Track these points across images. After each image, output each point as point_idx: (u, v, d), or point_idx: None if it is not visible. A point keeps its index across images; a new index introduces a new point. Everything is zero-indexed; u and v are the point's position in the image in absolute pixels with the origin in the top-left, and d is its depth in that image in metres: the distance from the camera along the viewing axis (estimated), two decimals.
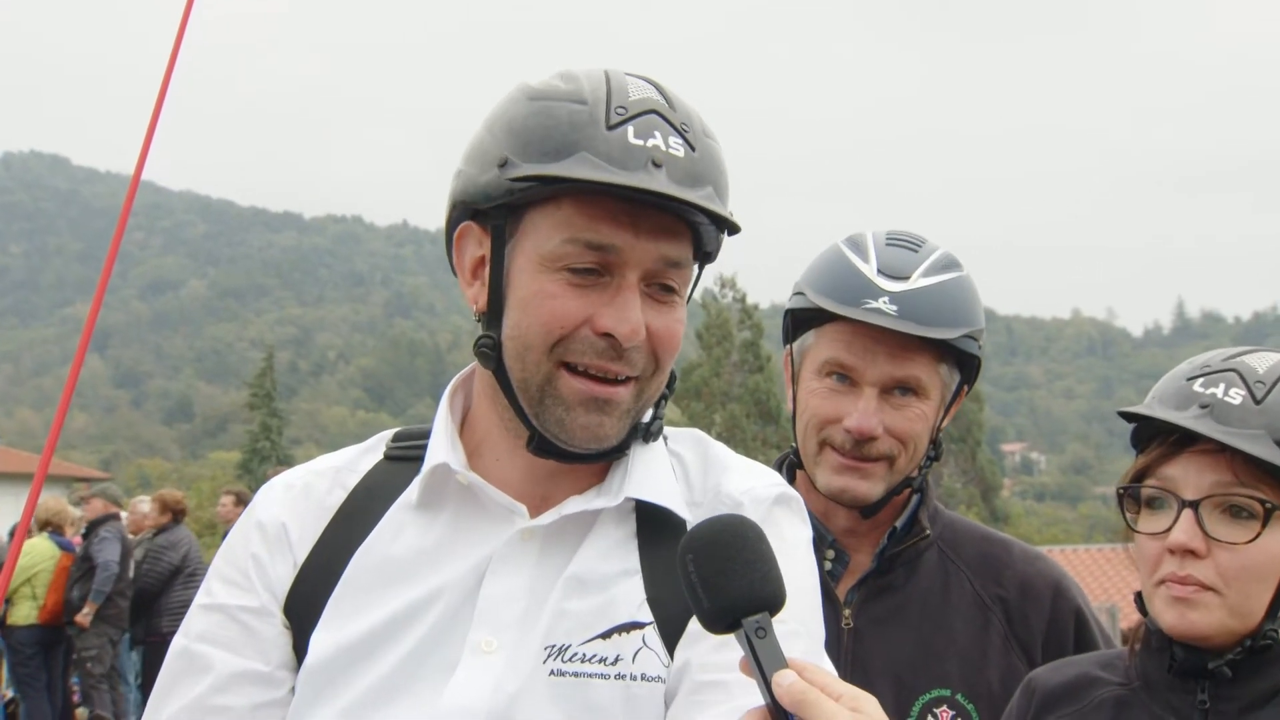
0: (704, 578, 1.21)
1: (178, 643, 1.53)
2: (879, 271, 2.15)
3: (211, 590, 1.55)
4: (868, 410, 2.13)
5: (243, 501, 11.65)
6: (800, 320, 2.25)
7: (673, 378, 1.56)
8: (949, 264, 2.20)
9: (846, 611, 2.20)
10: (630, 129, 1.42)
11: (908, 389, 2.16)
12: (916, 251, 2.20)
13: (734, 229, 1.49)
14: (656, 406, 1.56)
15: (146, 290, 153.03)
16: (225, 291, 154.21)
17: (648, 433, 1.56)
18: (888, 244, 2.21)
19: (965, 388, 2.27)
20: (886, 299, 2.11)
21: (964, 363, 2.23)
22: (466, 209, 1.51)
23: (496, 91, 1.55)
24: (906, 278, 2.14)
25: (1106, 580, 28.86)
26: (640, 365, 1.47)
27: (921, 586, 2.23)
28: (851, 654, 2.16)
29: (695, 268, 1.53)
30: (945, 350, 2.17)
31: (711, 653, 1.39)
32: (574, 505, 1.50)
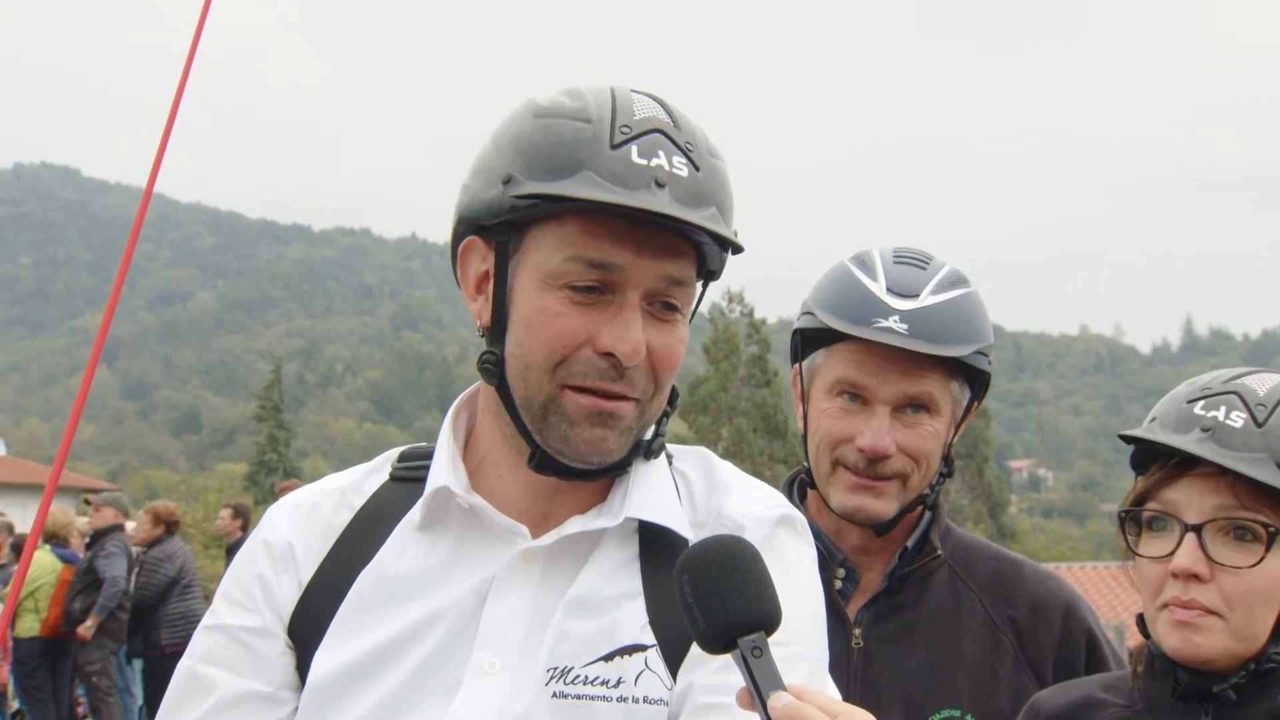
0: (698, 598, 1.22)
1: (183, 664, 1.53)
2: (888, 290, 2.15)
3: (216, 611, 1.55)
4: (880, 429, 2.13)
5: (240, 514, 11.64)
6: (809, 339, 2.24)
7: (674, 394, 1.56)
8: (957, 280, 2.20)
9: (856, 631, 2.19)
10: (634, 148, 1.42)
11: (920, 406, 2.15)
12: (924, 269, 2.19)
13: (737, 249, 1.49)
14: (658, 424, 1.56)
15: (155, 301, 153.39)
16: (234, 303, 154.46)
17: (649, 450, 1.55)
18: (895, 261, 2.20)
19: (975, 403, 2.27)
20: (897, 318, 2.11)
21: (974, 379, 2.22)
22: (471, 224, 1.51)
23: (508, 104, 1.55)
24: (916, 295, 2.14)
25: (1114, 598, 28.67)
26: (641, 387, 1.47)
27: (932, 606, 2.22)
28: (861, 673, 2.16)
29: (699, 286, 1.53)
30: (956, 367, 2.17)
31: (714, 675, 1.39)
32: (575, 525, 1.51)
